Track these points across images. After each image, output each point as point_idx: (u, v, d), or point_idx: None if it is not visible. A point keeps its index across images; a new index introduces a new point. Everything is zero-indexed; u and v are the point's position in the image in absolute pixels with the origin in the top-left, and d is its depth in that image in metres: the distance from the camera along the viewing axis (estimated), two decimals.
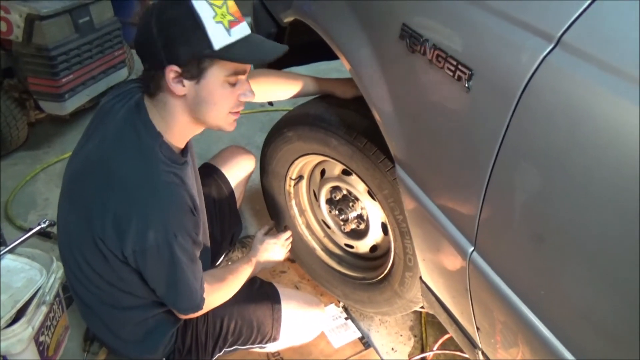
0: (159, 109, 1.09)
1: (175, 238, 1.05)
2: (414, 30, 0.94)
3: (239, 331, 1.38)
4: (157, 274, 1.10)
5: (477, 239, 0.90)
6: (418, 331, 1.74)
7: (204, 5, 0.98)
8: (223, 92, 1.06)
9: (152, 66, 1.04)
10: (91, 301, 1.21)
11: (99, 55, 2.60)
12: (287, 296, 1.47)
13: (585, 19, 0.67)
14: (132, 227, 1.02)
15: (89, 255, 1.11)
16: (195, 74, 1.02)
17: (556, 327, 0.79)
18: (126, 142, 1.07)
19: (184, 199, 1.09)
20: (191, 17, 0.97)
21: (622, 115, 0.63)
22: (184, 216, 1.09)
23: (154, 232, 1.03)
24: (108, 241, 1.05)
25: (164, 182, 1.07)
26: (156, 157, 1.08)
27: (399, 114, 1.05)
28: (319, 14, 1.29)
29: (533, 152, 0.75)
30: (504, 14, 0.78)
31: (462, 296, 1.04)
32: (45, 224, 1.90)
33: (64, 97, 2.39)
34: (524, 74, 0.73)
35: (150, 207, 1.04)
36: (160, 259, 1.06)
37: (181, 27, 0.98)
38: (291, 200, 1.77)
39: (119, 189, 1.04)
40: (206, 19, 0.98)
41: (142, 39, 1.01)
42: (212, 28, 0.99)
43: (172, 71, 1.00)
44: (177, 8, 0.98)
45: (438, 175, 1.00)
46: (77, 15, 2.41)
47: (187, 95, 1.04)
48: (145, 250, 1.04)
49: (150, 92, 1.08)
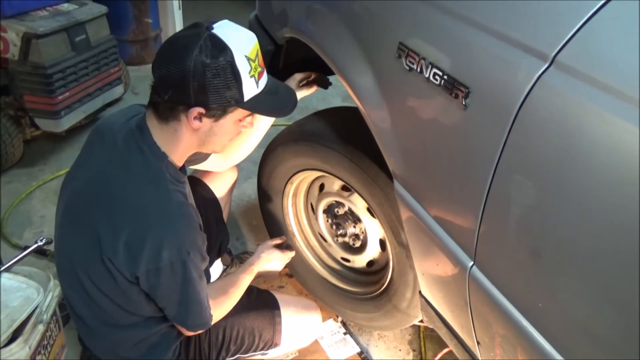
0: (165, 132, 1.09)
1: (188, 255, 1.07)
2: (410, 48, 0.96)
3: (241, 340, 1.39)
4: (170, 292, 1.11)
5: (477, 253, 0.91)
6: (417, 345, 1.74)
7: (243, 60, 1.01)
8: (233, 128, 1.11)
9: (174, 99, 1.03)
10: (93, 321, 1.21)
11: (95, 72, 2.61)
12: (285, 302, 1.50)
13: (578, 39, 0.69)
14: (145, 249, 1.03)
15: (96, 275, 1.11)
16: (218, 116, 1.06)
17: (556, 340, 0.80)
18: (133, 165, 1.08)
19: (193, 217, 1.11)
20: (233, 71, 1.00)
21: (616, 132, 0.64)
22: (196, 234, 1.11)
23: (168, 252, 1.04)
24: (119, 263, 1.06)
25: (176, 202, 1.09)
26: (164, 178, 1.09)
27: (396, 130, 1.06)
28: (315, 32, 1.31)
29: (530, 168, 0.77)
30: (499, 33, 0.80)
31: (462, 310, 1.04)
32: (42, 241, 1.89)
33: (60, 114, 2.39)
34: (520, 93, 0.75)
35: (164, 228, 1.05)
36: (173, 277, 1.07)
37: (223, 80, 1.00)
38: (288, 216, 1.77)
39: (130, 212, 1.05)
40: (244, 75, 1.02)
41: (173, 74, 0.99)
42: (247, 82, 1.03)
43: (195, 112, 1.03)
44: (218, 57, 0.98)
45: (437, 191, 1.01)
46: (73, 34, 2.43)
47: (200, 129, 1.07)
48: (159, 269, 1.05)
49: (162, 118, 1.08)
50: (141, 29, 3.72)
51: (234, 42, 1.00)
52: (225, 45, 0.99)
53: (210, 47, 0.98)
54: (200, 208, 1.62)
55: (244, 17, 1.86)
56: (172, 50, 1.02)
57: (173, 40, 1.04)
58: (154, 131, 1.10)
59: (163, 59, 1.02)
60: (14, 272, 1.48)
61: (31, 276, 1.48)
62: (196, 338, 1.35)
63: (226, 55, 0.99)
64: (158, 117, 1.09)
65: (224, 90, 1.01)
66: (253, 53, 1.04)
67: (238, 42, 1.01)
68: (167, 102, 1.04)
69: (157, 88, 1.05)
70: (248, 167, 2.64)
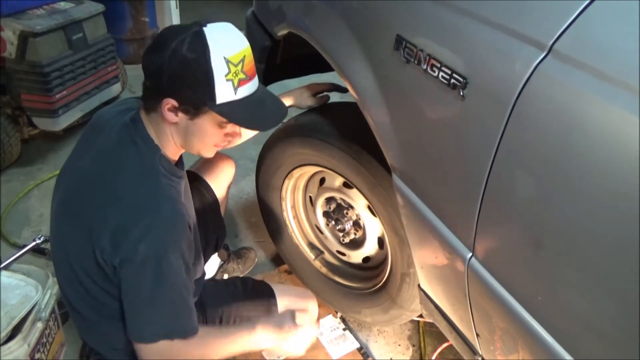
0: (154, 125, 1.10)
1: (165, 254, 1.02)
2: (408, 40, 0.96)
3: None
4: (134, 291, 1.05)
5: (475, 245, 0.91)
6: (416, 340, 1.74)
7: (221, 61, 0.99)
8: (213, 131, 1.08)
9: (152, 89, 1.05)
10: (90, 314, 1.20)
11: (93, 71, 2.61)
12: (281, 292, 1.49)
13: (575, 28, 0.69)
14: (127, 238, 1.01)
15: (89, 268, 1.10)
16: (191, 113, 1.04)
17: (557, 331, 0.80)
18: (127, 157, 1.08)
19: (182, 217, 1.09)
20: (204, 69, 0.98)
21: (614, 121, 0.64)
22: (180, 235, 1.07)
23: (145, 246, 1.01)
24: (105, 253, 1.04)
25: (166, 197, 1.07)
26: (157, 170, 1.08)
27: (394, 123, 1.06)
28: (313, 27, 1.31)
29: (528, 158, 0.77)
30: (496, 23, 0.80)
31: (461, 303, 1.04)
32: (40, 240, 1.89)
33: (58, 113, 2.39)
34: (518, 82, 0.75)
35: (149, 220, 1.03)
36: (142, 274, 1.02)
37: (191, 74, 0.98)
38: (287, 213, 1.77)
39: (121, 203, 1.04)
40: (218, 76, 1.00)
41: (152, 61, 1.01)
42: (221, 85, 1.00)
43: (169, 103, 1.02)
44: (194, 52, 0.98)
45: (435, 183, 1.01)
46: (70, 32, 2.42)
47: (178, 124, 1.07)
48: (131, 260, 1.01)
49: (147, 110, 1.10)
50: (138, 28, 3.71)
51: (216, 42, 0.99)
52: (205, 42, 0.98)
53: (190, 41, 0.98)
54: (198, 205, 1.63)
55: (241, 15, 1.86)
56: (159, 40, 1.03)
57: (163, 32, 1.05)
58: (146, 123, 1.10)
59: (150, 48, 1.04)
60: (13, 270, 1.48)
61: (29, 274, 1.47)
62: None
63: (202, 51, 0.98)
64: (145, 106, 1.10)
65: (194, 86, 1.00)
66: (236, 58, 1.02)
67: (221, 43, 1.00)
68: (147, 90, 1.06)
69: (144, 75, 1.06)
70: (246, 164, 2.64)
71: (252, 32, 1.71)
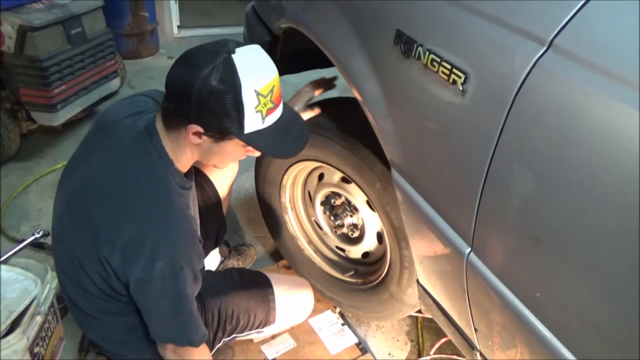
0: (171, 139, 1.09)
1: (182, 270, 1.06)
2: (408, 35, 0.95)
3: (236, 319, 1.41)
4: (159, 305, 1.11)
5: (474, 240, 0.91)
6: (414, 336, 1.75)
7: (252, 94, 0.99)
8: (235, 151, 1.10)
9: (176, 110, 1.03)
10: (89, 310, 1.21)
11: (91, 65, 2.60)
12: (278, 281, 1.52)
13: (576, 22, 0.69)
14: (140, 256, 1.03)
15: (91, 270, 1.11)
16: (216, 139, 1.05)
17: (555, 326, 0.80)
18: (140, 169, 1.08)
19: (193, 232, 1.11)
20: (236, 101, 0.98)
21: (614, 116, 0.64)
22: (192, 251, 1.10)
23: (162, 263, 1.03)
24: (114, 263, 1.06)
25: (178, 214, 1.08)
26: (170, 185, 1.09)
27: (394, 118, 1.06)
28: (313, 22, 1.30)
29: (527, 154, 0.77)
30: (496, 18, 0.80)
31: (459, 298, 1.04)
32: (39, 234, 1.89)
33: (56, 107, 2.38)
34: (517, 77, 0.75)
35: (162, 238, 1.04)
36: (164, 290, 1.07)
37: (222, 106, 0.98)
38: (286, 208, 1.77)
39: (131, 217, 1.05)
40: (248, 108, 1.00)
41: (180, 86, 0.98)
42: (250, 116, 1.01)
43: (194, 129, 1.02)
44: (225, 84, 0.96)
45: (434, 178, 1.02)
46: (69, 27, 2.41)
47: (201, 145, 1.07)
48: (151, 280, 1.04)
49: (167, 125, 1.08)
50: (137, 23, 3.70)
51: (247, 73, 0.98)
52: (236, 74, 0.97)
53: (221, 71, 0.96)
54: (200, 201, 1.64)
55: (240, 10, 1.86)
56: (189, 60, 1.00)
57: (195, 51, 1.02)
58: (162, 136, 1.09)
59: (178, 65, 1.01)
60: (12, 264, 1.48)
61: (28, 268, 1.47)
62: None
63: (234, 84, 0.96)
64: (165, 123, 1.08)
65: (224, 118, 0.99)
66: (266, 88, 1.01)
67: (252, 74, 0.98)
68: (172, 111, 1.05)
69: (167, 93, 1.04)
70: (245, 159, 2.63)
71: (251, 27, 1.71)
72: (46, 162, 2.55)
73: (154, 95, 1.26)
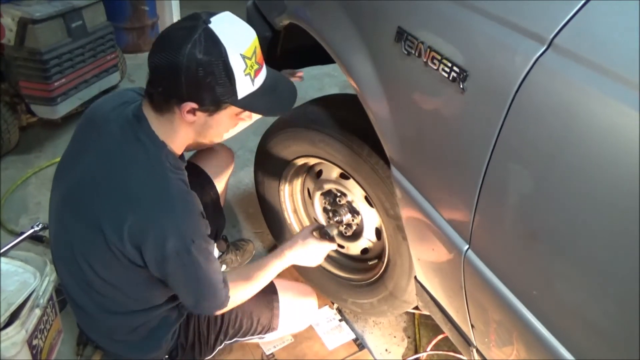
0: (162, 123, 1.09)
1: (193, 243, 1.07)
2: (409, 32, 0.96)
3: (239, 323, 1.41)
4: (180, 278, 1.12)
5: (472, 237, 0.92)
6: (411, 332, 1.76)
7: (238, 59, 1.00)
8: (229, 121, 1.11)
9: (168, 93, 1.03)
10: (91, 309, 1.22)
11: (92, 59, 2.59)
12: (283, 287, 1.51)
13: (576, 22, 0.69)
14: (149, 238, 1.04)
15: (98, 263, 1.12)
16: (211, 111, 1.05)
17: (552, 324, 0.80)
18: (133, 154, 1.08)
19: (195, 205, 1.11)
20: (225, 69, 0.99)
21: (613, 115, 0.65)
22: (198, 221, 1.11)
23: (172, 241, 1.04)
24: (126, 250, 1.07)
25: (177, 191, 1.09)
26: (164, 167, 1.09)
27: (394, 115, 1.06)
28: (314, 18, 1.30)
29: (526, 152, 0.77)
30: (497, 16, 0.80)
31: (457, 295, 1.05)
32: (38, 227, 1.89)
33: (56, 100, 2.38)
34: (517, 76, 0.75)
35: (167, 218, 1.05)
36: (181, 265, 1.08)
37: (213, 77, 0.98)
38: (285, 204, 1.78)
39: (132, 202, 1.05)
40: (238, 73, 1.00)
41: (166, 67, 0.99)
42: (241, 80, 1.02)
43: (188, 106, 1.02)
44: (212, 55, 0.97)
45: (433, 175, 1.02)
46: (69, 19, 2.41)
47: (195, 122, 1.07)
48: (165, 258, 1.06)
49: (157, 109, 1.08)
50: (138, 17, 3.69)
51: (229, 39, 0.98)
52: (219, 42, 0.97)
53: (204, 43, 0.96)
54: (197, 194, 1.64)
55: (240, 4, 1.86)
56: (167, 41, 1.00)
57: (169, 31, 1.03)
58: (152, 121, 1.09)
59: (158, 50, 1.01)
60: (11, 256, 1.48)
61: (27, 261, 1.47)
62: (195, 321, 1.37)
63: (220, 53, 0.97)
64: (154, 108, 1.08)
65: (217, 88, 1.00)
66: (250, 50, 1.02)
67: (234, 39, 0.99)
68: (161, 94, 1.04)
69: (152, 79, 1.04)
70: (244, 155, 2.64)
71: (252, 23, 1.70)
72: (45, 155, 2.54)
73: (137, 90, 1.26)
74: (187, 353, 1.37)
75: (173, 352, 1.35)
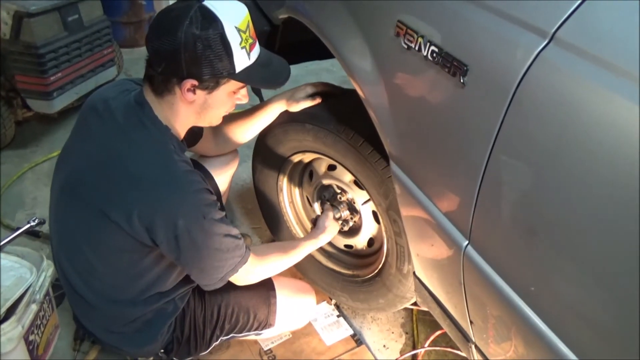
0: (163, 106, 1.12)
1: (204, 219, 1.09)
2: (408, 26, 0.95)
3: (236, 318, 1.40)
4: (195, 254, 1.12)
5: (472, 233, 0.92)
6: (409, 328, 1.76)
7: (234, 31, 1.03)
8: (226, 100, 1.14)
9: (167, 72, 1.06)
10: (91, 298, 1.22)
11: (88, 53, 2.58)
12: (281, 283, 1.50)
13: (578, 15, 0.69)
14: (159, 220, 1.06)
15: (104, 249, 1.13)
16: (211, 87, 1.08)
17: (551, 319, 0.80)
18: (137, 139, 1.10)
19: (201, 182, 1.13)
20: (223, 42, 1.02)
21: (615, 110, 0.64)
22: (206, 195, 1.12)
23: (182, 220, 1.06)
24: (135, 233, 1.08)
25: (182, 172, 1.10)
26: (169, 149, 1.11)
27: (394, 110, 1.06)
28: (313, 12, 1.29)
29: (527, 147, 0.77)
30: (498, 10, 0.79)
31: (456, 290, 1.05)
32: (35, 222, 1.87)
33: (53, 95, 2.36)
34: (519, 70, 0.75)
35: (175, 199, 1.07)
36: (194, 241, 1.09)
37: (211, 50, 1.01)
38: (283, 200, 1.77)
39: (139, 186, 1.07)
40: (234, 46, 1.04)
41: (165, 47, 1.02)
42: (238, 54, 1.05)
43: (189, 84, 1.05)
44: (208, 29, 1.00)
45: (433, 170, 1.01)
46: (66, 13, 2.39)
47: (195, 101, 1.10)
48: (177, 237, 1.07)
49: (157, 92, 1.11)
50: (135, 11, 3.67)
51: (224, 13, 1.02)
52: (215, 17, 1.01)
53: (201, 19, 1.00)
54: None
55: None
56: (164, 22, 1.03)
57: (165, 12, 1.05)
58: (154, 105, 1.12)
59: (155, 32, 1.04)
60: (7, 252, 1.47)
61: (24, 256, 1.47)
62: (191, 315, 1.36)
63: (216, 26, 1.01)
64: (154, 91, 1.11)
65: (216, 62, 1.03)
66: (244, 24, 1.06)
67: (228, 13, 1.03)
68: (161, 74, 1.07)
69: (151, 61, 1.07)
70: (243, 151, 2.61)
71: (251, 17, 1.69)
72: (42, 150, 2.53)
73: (136, 80, 1.28)
74: (182, 347, 1.37)
75: (169, 345, 1.35)
